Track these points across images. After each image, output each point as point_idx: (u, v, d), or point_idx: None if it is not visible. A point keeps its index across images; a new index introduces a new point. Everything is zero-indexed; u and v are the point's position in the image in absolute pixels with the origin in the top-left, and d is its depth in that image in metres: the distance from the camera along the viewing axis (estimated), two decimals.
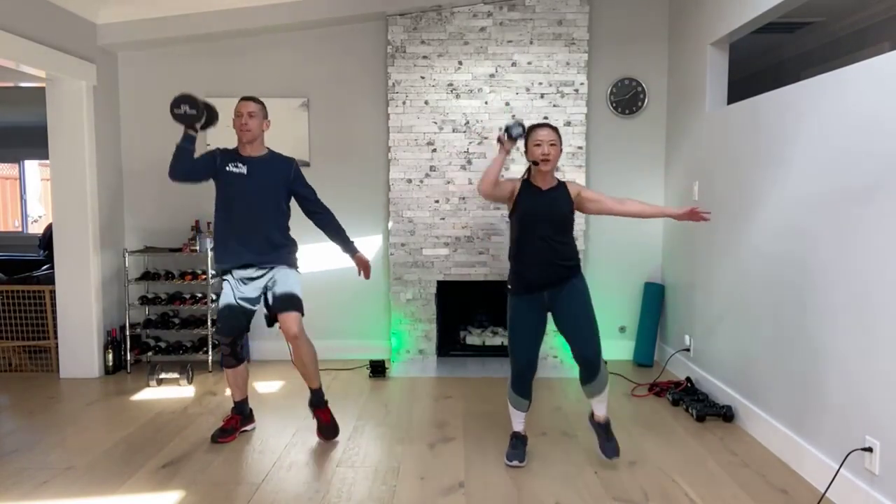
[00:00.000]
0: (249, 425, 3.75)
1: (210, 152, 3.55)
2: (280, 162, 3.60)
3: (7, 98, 7.29)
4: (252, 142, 3.50)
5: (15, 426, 3.82)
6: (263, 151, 3.58)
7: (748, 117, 3.72)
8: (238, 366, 3.58)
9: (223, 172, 3.50)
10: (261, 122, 3.50)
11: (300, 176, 3.64)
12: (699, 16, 4.41)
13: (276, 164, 3.58)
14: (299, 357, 3.55)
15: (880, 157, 2.58)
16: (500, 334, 5.40)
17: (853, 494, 2.71)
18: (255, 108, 3.48)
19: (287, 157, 3.66)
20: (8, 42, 3.87)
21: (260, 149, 3.57)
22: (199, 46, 5.13)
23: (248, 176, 3.48)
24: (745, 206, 3.73)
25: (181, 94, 3.39)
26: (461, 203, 5.06)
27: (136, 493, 2.96)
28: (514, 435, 3.34)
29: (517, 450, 3.28)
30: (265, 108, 3.56)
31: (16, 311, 4.91)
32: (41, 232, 8.40)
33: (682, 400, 4.05)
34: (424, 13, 4.93)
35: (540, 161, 3.13)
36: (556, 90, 4.97)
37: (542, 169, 3.16)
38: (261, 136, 3.54)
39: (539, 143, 3.13)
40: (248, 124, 3.45)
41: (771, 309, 3.42)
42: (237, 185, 3.48)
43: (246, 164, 3.50)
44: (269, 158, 3.59)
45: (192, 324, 5.06)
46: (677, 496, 2.92)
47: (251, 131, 3.46)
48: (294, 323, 3.47)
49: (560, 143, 3.20)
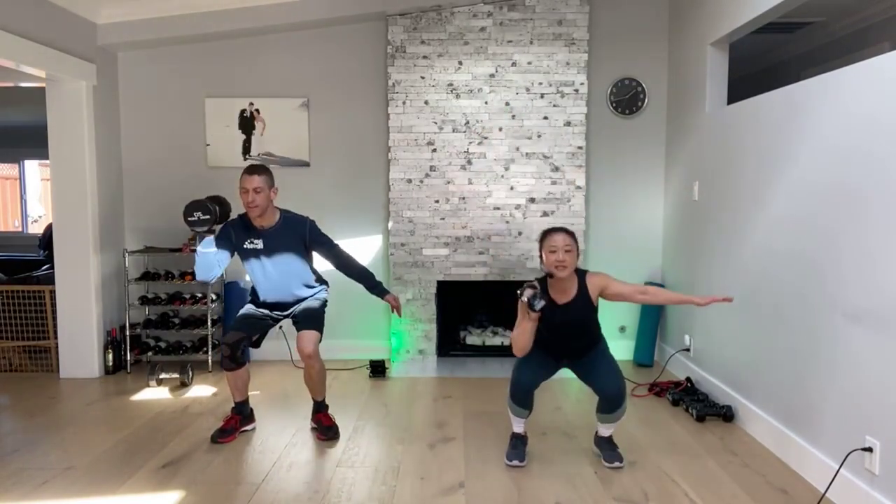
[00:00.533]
0: (249, 425, 3.74)
1: (224, 232, 3.55)
2: (294, 225, 3.59)
3: (7, 98, 7.28)
4: (262, 215, 3.49)
5: (15, 426, 3.82)
6: (276, 218, 3.56)
7: (748, 117, 3.72)
8: (237, 370, 3.59)
9: (241, 250, 3.56)
10: (268, 194, 3.46)
11: (316, 232, 3.62)
12: (699, 16, 4.41)
13: (291, 229, 3.57)
14: (310, 375, 3.59)
15: (880, 157, 2.58)
16: (500, 334, 5.40)
17: (853, 494, 2.71)
18: (259, 182, 3.41)
19: (301, 217, 3.64)
20: (8, 42, 3.87)
21: (272, 217, 3.55)
22: (199, 46, 5.13)
23: (264, 250, 3.52)
24: (744, 205, 3.73)
25: (190, 202, 3.45)
26: (461, 203, 5.06)
27: (136, 493, 2.96)
28: (514, 435, 3.35)
29: (517, 450, 3.28)
30: (271, 176, 3.50)
31: (16, 311, 4.91)
32: (41, 232, 8.40)
33: (682, 400, 4.05)
34: (424, 13, 4.93)
35: (555, 269, 3.01)
36: (556, 90, 4.97)
37: (559, 275, 3.02)
38: (270, 206, 3.52)
39: (554, 250, 3.01)
40: (255, 200, 3.42)
41: (771, 309, 3.42)
42: (256, 258, 3.55)
43: (261, 238, 3.52)
44: (283, 225, 3.57)
45: (192, 324, 5.06)
46: (677, 496, 2.92)
47: (258, 206, 3.44)
48: (310, 342, 3.49)
49: (577, 248, 3.06)
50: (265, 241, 3.53)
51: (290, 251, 3.56)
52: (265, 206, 3.47)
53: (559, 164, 5.02)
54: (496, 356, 5.26)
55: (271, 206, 3.53)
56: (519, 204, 5.05)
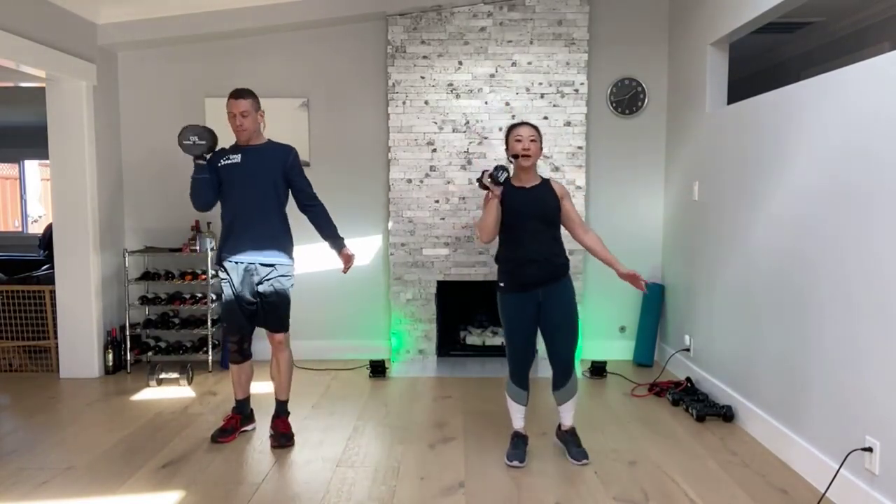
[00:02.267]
0: (249, 425, 3.74)
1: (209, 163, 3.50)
2: (278, 150, 3.53)
3: (7, 98, 7.28)
4: (250, 139, 3.48)
5: (15, 426, 3.82)
6: (262, 141, 3.53)
7: (748, 117, 3.72)
8: (243, 362, 3.60)
9: (219, 170, 3.47)
10: (255, 117, 3.44)
11: (297, 165, 3.57)
12: (699, 16, 4.41)
13: (274, 152, 3.52)
14: (277, 365, 3.59)
15: (881, 157, 2.58)
16: (499, 334, 5.39)
17: (853, 494, 2.71)
18: (246, 105, 3.39)
19: (287, 145, 3.60)
20: (8, 42, 3.87)
21: (257, 140, 3.52)
22: (199, 46, 5.13)
23: (241, 164, 3.45)
24: (744, 205, 3.73)
25: (186, 126, 3.42)
26: (461, 203, 5.06)
27: (136, 493, 2.96)
28: (516, 434, 3.35)
29: (518, 450, 3.28)
30: (257, 99, 3.47)
31: (16, 311, 4.91)
32: (41, 232, 8.40)
33: (682, 400, 4.05)
34: (424, 13, 4.93)
35: (520, 155, 3.17)
36: (556, 90, 4.97)
37: (523, 164, 3.19)
38: (257, 130, 3.49)
39: (519, 139, 3.18)
40: (243, 124, 3.40)
41: (771, 309, 3.42)
42: (233, 173, 3.45)
43: (240, 153, 3.47)
44: (267, 146, 3.53)
45: (192, 324, 5.06)
46: (677, 496, 2.92)
47: (247, 130, 3.42)
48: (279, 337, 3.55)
49: (540, 141, 3.24)
50: (244, 156, 3.45)
51: (267, 175, 3.47)
52: (253, 130, 3.43)
53: (559, 164, 5.02)
54: (496, 356, 5.26)
55: (258, 131, 3.49)
56: None
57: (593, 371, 4.78)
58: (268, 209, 3.49)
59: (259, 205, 3.47)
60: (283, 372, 3.60)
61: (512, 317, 3.25)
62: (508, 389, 3.35)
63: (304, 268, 5.24)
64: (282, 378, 3.60)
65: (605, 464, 3.25)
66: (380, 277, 5.24)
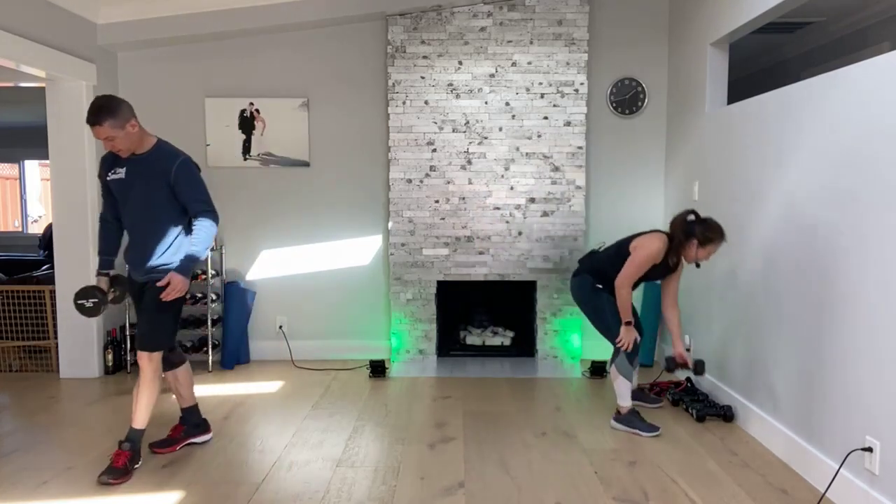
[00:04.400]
0: (200, 437, 3.49)
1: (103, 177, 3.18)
2: (163, 160, 3.08)
3: (7, 98, 7.28)
4: (131, 151, 3.06)
5: (15, 426, 3.82)
6: (148, 147, 3.09)
7: (748, 117, 3.72)
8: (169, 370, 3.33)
9: (109, 184, 3.14)
10: (125, 133, 2.97)
11: (183, 176, 3.07)
12: (699, 16, 4.41)
13: (159, 162, 3.07)
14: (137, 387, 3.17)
15: (881, 157, 2.58)
16: (500, 334, 5.40)
17: (853, 494, 2.71)
18: (106, 131, 2.92)
19: (175, 152, 3.12)
20: (8, 42, 3.87)
21: (142, 147, 3.08)
22: (199, 46, 5.13)
23: (125, 179, 3.08)
24: (745, 205, 3.73)
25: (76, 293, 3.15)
26: (461, 203, 5.06)
27: (136, 493, 2.96)
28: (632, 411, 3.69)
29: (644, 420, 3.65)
30: (115, 112, 2.93)
31: (16, 311, 4.91)
32: (41, 232, 8.41)
33: (682, 400, 4.05)
34: (424, 13, 4.93)
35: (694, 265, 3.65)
36: (556, 90, 4.97)
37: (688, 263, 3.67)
38: (136, 138, 3.03)
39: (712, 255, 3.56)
40: (115, 146, 2.99)
41: (771, 309, 3.42)
42: (118, 188, 3.11)
43: (125, 167, 3.07)
44: (152, 155, 3.08)
45: (192, 324, 5.06)
46: (677, 496, 2.92)
47: (122, 149, 3.02)
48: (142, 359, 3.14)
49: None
50: (128, 169, 3.06)
51: (151, 188, 3.05)
52: (129, 145, 3.01)
53: (559, 164, 5.02)
54: (496, 356, 5.26)
55: (140, 137, 3.04)
56: (519, 204, 5.05)
57: (593, 371, 4.78)
58: (150, 233, 3.11)
59: (145, 220, 3.11)
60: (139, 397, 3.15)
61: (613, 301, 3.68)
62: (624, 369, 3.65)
63: (305, 268, 5.25)
64: (138, 402, 3.15)
65: (605, 464, 3.25)
66: (380, 277, 5.24)
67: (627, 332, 3.61)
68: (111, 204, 3.23)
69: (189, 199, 3.10)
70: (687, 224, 3.52)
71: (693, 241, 3.50)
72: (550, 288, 5.08)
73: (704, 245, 3.49)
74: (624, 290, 3.56)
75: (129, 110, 2.99)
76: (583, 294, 3.82)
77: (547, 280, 5.08)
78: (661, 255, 3.58)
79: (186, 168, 3.10)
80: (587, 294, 3.79)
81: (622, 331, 3.62)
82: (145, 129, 3.11)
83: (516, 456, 3.35)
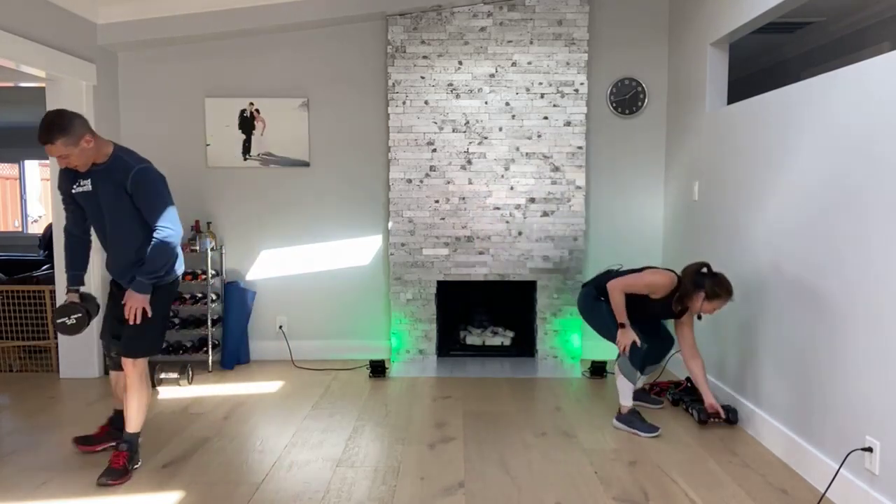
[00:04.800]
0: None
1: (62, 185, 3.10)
2: (120, 170, 2.96)
3: (7, 98, 7.28)
4: (90, 165, 2.97)
5: (15, 426, 3.82)
6: (106, 157, 2.97)
7: (748, 117, 3.72)
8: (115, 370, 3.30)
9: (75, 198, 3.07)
10: (79, 148, 2.86)
11: (141, 188, 2.96)
12: (699, 16, 4.41)
13: (116, 173, 2.96)
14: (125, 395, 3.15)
15: (881, 157, 2.58)
16: (500, 334, 5.40)
17: (853, 494, 2.71)
18: (59, 149, 2.82)
19: (129, 162, 2.99)
20: (8, 42, 3.86)
21: (101, 157, 2.96)
22: (199, 46, 5.13)
23: (91, 192, 3.00)
24: (744, 205, 3.73)
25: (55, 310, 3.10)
26: (461, 203, 5.06)
27: (136, 493, 2.96)
28: (633, 411, 3.71)
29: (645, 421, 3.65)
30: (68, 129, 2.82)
31: (16, 311, 4.91)
32: (41, 232, 8.40)
33: (683, 400, 4.05)
34: (424, 13, 4.93)
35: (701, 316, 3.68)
36: (556, 90, 4.97)
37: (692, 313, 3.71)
38: (92, 153, 2.93)
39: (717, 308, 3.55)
40: (70, 163, 2.90)
41: (771, 309, 3.42)
42: (87, 203, 3.06)
43: (89, 177, 2.99)
44: (111, 165, 2.98)
45: (192, 324, 5.06)
46: (677, 496, 2.92)
47: (79, 164, 2.93)
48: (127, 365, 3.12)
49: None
50: (93, 180, 2.97)
51: (115, 199, 2.97)
52: (86, 160, 2.91)
53: (559, 164, 5.02)
54: (496, 356, 5.26)
55: (97, 148, 2.92)
56: (519, 204, 5.05)
57: (593, 371, 4.78)
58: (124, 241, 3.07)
59: (117, 230, 3.06)
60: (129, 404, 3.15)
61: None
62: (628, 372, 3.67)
63: (305, 268, 5.25)
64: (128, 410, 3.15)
65: (605, 464, 3.25)
66: (380, 277, 5.24)
67: (623, 335, 3.61)
68: (76, 217, 3.15)
69: (146, 211, 3.00)
70: (698, 276, 3.55)
71: (701, 293, 3.52)
72: (550, 288, 5.09)
73: (711, 300, 3.51)
74: (616, 293, 3.60)
75: (82, 125, 2.87)
76: (585, 304, 3.90)
77: (547, 280, 5.08)
78: (665, 291, 3.63)
79: (143, 177, 2.96)
80: (589, 304, 3.86)
81: (619, 333, 3.63)
82: (101, 139, 2.99)
83: (516, 456, 3.35)
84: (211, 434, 3.66)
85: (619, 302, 3.60)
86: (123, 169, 2.96)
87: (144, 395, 3.16)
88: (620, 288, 3.62)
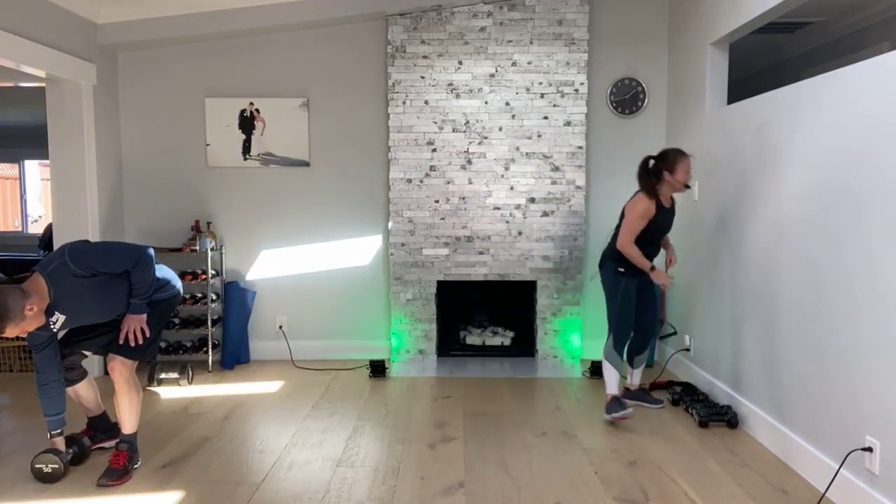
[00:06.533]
0: (109, 442, 3.38)
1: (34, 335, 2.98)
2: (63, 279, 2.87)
3: (7, 98, 7.29)
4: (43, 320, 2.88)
5: (15, 426, 3.82)
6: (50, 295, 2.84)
7: (748, 117, 3.72)
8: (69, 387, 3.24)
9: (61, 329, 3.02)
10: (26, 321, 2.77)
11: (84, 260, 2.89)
12: (699, 16, 4.41)
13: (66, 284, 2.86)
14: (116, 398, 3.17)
15: (881, 157, 2.58)
16: (500, 334, 5.40)
17: (853, 494, 2.71)
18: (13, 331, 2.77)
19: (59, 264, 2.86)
20: (8, 42, 3.87)
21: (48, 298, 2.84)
22: (199, 46, 5.13)
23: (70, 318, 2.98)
24: (744, 205, 3.73)
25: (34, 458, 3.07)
26: (461, 203, 5.06)
27: (136, 493, 2.96)
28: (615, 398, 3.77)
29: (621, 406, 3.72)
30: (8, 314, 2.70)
31: None
32: (41, 232, 8.40)
33: (683, 400, 4.05)
34: (424, 13, 4.93)
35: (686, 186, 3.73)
36: (556, 90, 4.97)
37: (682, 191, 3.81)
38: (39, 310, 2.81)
39: (688, 171, 3.68)
40: (28, 328, 2.83)
41: (771, 308, 3.42)
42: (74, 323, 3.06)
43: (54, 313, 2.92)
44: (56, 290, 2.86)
45: (192, 324, 5.06)
46: (677, 496, 2.92)
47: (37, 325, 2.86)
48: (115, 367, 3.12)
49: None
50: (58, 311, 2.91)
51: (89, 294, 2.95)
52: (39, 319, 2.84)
53: (559, 164, 5.02)
54: (496, 356, 5.26)
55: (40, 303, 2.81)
56: (519, 204, 5.05)
57: (593, 371, 4.78)
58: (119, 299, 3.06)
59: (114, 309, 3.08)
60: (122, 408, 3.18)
61: (629, 294, 3.78)
62: (611, 357, 3.78)
63: (305, 268, 5.25)
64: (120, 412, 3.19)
65: (605, 464, 3.25)
66: (380, 277, 5.24)
67: (656, 275, 3.75)
68: (52, 362, 3.05)
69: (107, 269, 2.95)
70: (650, 169, 3.75)
71: (663, 175, 3.70)
72: (550, 288, 5.09)
73: (675, 171, 3.68)
74: (628, 248, 3.71)
75: (16, 301, 2.72)
76: (606, 276, 3.91)
77: (547, 280, 5.08)
78: (652, 208, 3.70)
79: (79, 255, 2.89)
80: (609, 277, 3.88)
81: (652, 276, 3.76)
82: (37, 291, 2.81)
83: (516, 456, 3.35)
84: (211, 434, 3.67)
85: (636, 254, 3.71)
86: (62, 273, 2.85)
87: (135, 396, 3.18)
88: (628, 241, 3.72)
